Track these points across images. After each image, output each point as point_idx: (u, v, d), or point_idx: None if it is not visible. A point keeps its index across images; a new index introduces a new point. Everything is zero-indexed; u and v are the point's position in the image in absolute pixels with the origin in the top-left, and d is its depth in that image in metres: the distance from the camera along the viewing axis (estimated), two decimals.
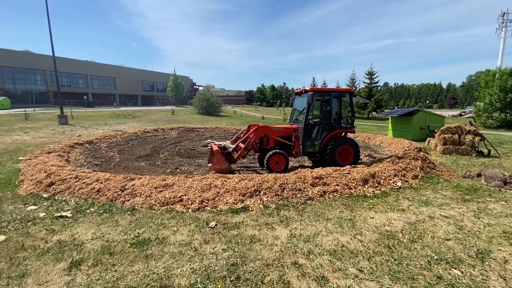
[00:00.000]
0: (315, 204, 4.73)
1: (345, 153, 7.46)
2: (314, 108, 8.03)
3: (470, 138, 9.30)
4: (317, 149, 7.53)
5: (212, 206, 4.61)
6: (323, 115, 7.80)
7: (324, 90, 8.22)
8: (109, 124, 24.06)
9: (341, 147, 7.37)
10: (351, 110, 7.72)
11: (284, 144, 7.53)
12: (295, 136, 7.55)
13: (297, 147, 7.56)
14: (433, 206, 4.63)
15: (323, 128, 7.49)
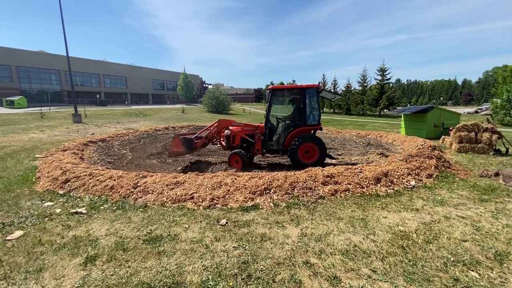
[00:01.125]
0: (326, 203, 4.68)
1: (310, 152, 7.30)
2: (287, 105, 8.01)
3: (487, 136, 8.97)
4: (281, 147, 7.51)
5: (223, 204, 4.63)
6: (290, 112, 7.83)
7: (284, 87, 8.12)
8: (121, 122, 24.55)
9: (304, 145, 7.21)
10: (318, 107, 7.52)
11: (250, 142, 7.71)
12: (257, 134, 7.70)
13: (257, 145, 7.68)
14: (448, 206, 4.50)
15: (287, 125, 7.53)
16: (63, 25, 20.97)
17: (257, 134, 7.68)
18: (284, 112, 8.13)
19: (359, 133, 15.54)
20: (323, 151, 7.20)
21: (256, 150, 7.73)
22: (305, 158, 7.26)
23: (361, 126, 21.56)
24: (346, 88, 40.49)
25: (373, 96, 33.73)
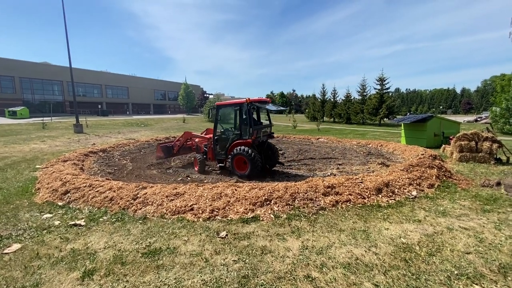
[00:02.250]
0: (328, 214, 4.63)
1: (242, 164, 7.56)
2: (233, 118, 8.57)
3: (487, 145, 8.96)
4: (225, 157, 8.16)
5: (223, 216, 4.60)
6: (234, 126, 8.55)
7: (224, 104, 8.50)
8: (122, 132, 24.65)
9: (237, 157, 7.54)
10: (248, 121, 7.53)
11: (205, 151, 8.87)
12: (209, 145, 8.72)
13: (209, 154, 8.64)
14: (451, 217, 4.45)
15: (227, 138, 8.13)
16: (66, 37, 21.40)
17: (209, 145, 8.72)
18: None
19: (359, 142, 15.54)
20: (253, 165, 7.27)
21: (209, 158, 8.70)
22: (240, 169, 7.60)
23: (362, 135, 21.58)
24: (346, 98, 40.76)
25: (372, 105, 33.90)
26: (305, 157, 11.19)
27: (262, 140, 8.04)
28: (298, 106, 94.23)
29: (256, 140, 7.59)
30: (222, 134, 8.35)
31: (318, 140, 18.08)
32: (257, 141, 7.73)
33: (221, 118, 8.55)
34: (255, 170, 7.30)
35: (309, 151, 12.98)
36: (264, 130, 8.13)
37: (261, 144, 8.06)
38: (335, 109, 41.07)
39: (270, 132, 8.43)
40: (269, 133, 8.39)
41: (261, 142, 8.02)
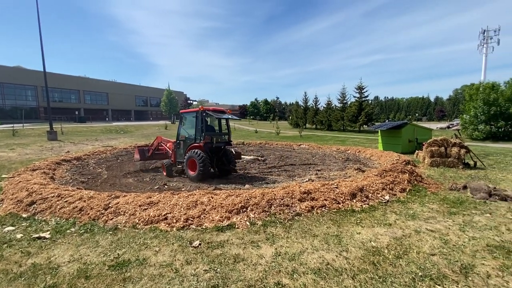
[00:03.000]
0: (303, 220, 4.67)
1: (193, 166, 8.09)
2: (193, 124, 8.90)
3: (456, 150, 9.48)
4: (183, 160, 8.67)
5: (198, 224, 4.51)
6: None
7: (184, 111, 9.50)
8: (100, 139, 23.79)
9: (190, 160, 8.18)
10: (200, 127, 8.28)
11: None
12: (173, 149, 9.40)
13: (172, 157, 9.38)
14: (419, 220, 4.63)
15: (185, 143, 8.82)
16: (40, 39, 20.58)
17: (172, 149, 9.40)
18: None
19: (339, 148, 15.93)
20: (201, 167, 7.82)
21: (173, 161, 9.27)
22: (192, 170, 8.17)
23: (342, 141, 22.15)
24: (327, 105, 41.84)
25: (352, 112, 35.01)
26: (286, 163, 11.30)
27: (219, 146, 8.67)
28: (282, 113, 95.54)
29: (208, 144, 8.22)
30: (183, 139, 9.00)
31: (299, 147, 18.34)
32: (210, 146, 8.30)
33: (184, 124, 9.21)
34: (204, 172, 7.82)
35: (290, 157, 13.13)
36: (220, 137, 8.88)
37: (217, 149, 8.70)
38: (317, 116, 42.00)
39: (228, 140, 9.05)
40: (227, 141, 9.01)
41: (217, 148, 8.65)
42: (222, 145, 8.81)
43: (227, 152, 8.96)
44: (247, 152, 15.96)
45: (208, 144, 8.19)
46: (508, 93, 20.10)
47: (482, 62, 49.49)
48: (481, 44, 50.26)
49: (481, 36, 50.29)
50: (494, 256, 3.32)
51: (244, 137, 28.04)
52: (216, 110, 8.80)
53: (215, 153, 8.65)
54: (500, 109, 19.75)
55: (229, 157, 8.90)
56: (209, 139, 8.20)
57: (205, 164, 7.78)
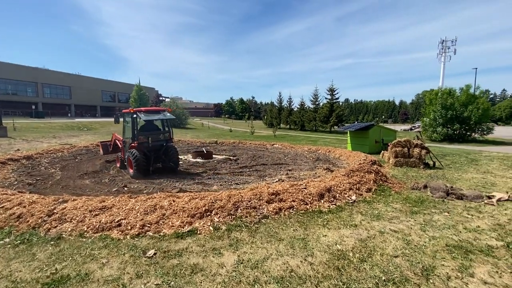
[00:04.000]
0: (270, 222, 4.49)
1: (131, 164, 8.43)
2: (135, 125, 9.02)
3: (417, 151, 9.97)
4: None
5: (155, 231, 4.12)
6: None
7: (124, 112, 9.57)
8: (59, 136, 21.88)
9: (128, 159, 8.58)
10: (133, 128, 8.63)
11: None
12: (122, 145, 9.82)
13: (122, 154, 9.72)
14: (384, 220, 4.67)
15: (127, 142, 9.18)
16: None
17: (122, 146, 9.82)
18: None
19: (310, 148, 16.14)
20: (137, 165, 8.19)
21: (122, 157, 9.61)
22: (131, 168, 8.50)
23: (314, 141, 22.57)
24: (300, 106, 42.58)
25: (324, 113, 35.96)
26: (258, 163, 11.13)
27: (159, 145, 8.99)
28: (257, 112, 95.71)
29: (144, 144, 8.58)
30: (126, 138, 9.36)
31: (273, 146, 18.33)
32: (146, 146, 8.62)
33: (126, 124, 9.47)
34: (138, 171, 8.22)
35: (263, 157, 12.99)
36: (159, 135, 9.20)
37: (157, 148, 8.98)
38: (290, 116, 42.57)
39: (169, 138, 9.34)
40: (167, 139, 9.29)
41: (157, 146, 8.96)
42: (162, 143, 9.07)
43: (167, 150, 9.17)
44: (219, 151, 15.57)
45: (144, 144, 8.57)
46: (463, 98, 21.85)
47: (441, 69, 53.72)
48: (440, 53, 54.52)
49: (440, 45, 54.54)
50: (453, 256, 3.39)
51: (218, 136, 27.50)
52: (150, 110, 9.09)
53: (155, 151, 8.92)
54: (456, 113, 21.41)
55: (169, 154, 9.16)
56: (144, 139, 8.62)
57: (139, 164, 8.16)
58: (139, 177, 8.18)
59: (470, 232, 4.16)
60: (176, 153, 9.26)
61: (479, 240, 3.83)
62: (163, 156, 9.14)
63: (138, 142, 8.46)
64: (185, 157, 12.73)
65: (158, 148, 8.96)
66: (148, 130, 9.11)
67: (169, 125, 9.46)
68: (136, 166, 8.16)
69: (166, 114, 9.08)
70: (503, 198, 5.90)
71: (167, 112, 9.28)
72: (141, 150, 8.39)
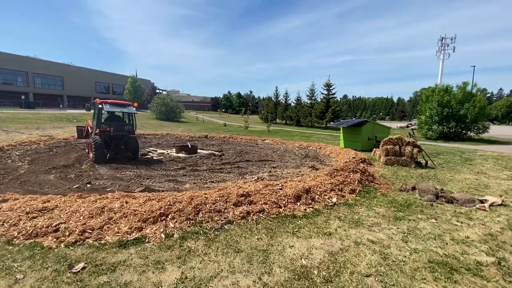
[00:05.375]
0: (233, 229, 3.95)
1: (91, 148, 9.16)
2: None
3: (409, 149, 9.47)
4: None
5: (97, 238, 3.56)
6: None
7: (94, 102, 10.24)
8: (43, 128, 21.16)
9: (90, 144, 9.47)
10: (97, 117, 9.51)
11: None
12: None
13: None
14: (363, 227, 4.15)
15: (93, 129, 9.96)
16: None
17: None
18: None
19: (301, 145, 15.62)
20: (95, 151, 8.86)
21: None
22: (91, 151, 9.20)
23: (307, 137, 22.05)
24: (296, 101, 41.97)
25: (320, 109, 35.42)
26: (243, 159, 10.57)
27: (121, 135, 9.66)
28: (255, 107, 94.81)
29: (106, 133, 9.27)
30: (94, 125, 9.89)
31: (264, 142, 17.78)
32: (107, 134, 9.30)
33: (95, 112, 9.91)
34: (96, 156, 8.88)
35: (250, 152, 12.45)
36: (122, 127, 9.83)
37: (119, 138, 9.67)
38: (286, 111, 41.98)
39: (131, 130, 9.94)
40: (129, 131, 9.90)
41: (119, 136, 9.64)
42: (124, 134, 9.76)
43: (129, 141, 9.89)
44: (207, 146, 14.99)
45: (106, 132, 9.30)
46: (460, 96, 21.35)
47: (439, 67, 53.23)
48: (439, 50, 53.97)
49: (439, 43, 53.96)
50: (435, 276, 2.87)
51: (210, 130, 26.86)
52: (115, 103, 9.94)
53: (116, 140, 9.67)
54: (452, 111, 20.93)
55: (129, 145, 9.88)
56: (106, 128, 9.37)
57: (97, 149, 8.83)
58: (97, 162, 8.87)
59: (457, 244, 3.65)
60: (136, 145, 9.99)
61: (467, 255, 3.32)
62: (124, 146, 9.92)
63: (100, 130, 9.25)
64: (168, 151, 12.15)
65: (119, 138, 9.71)
66: (113, 121, 9.98)
67: (133, 118, 10.18)
68: (95, 150, 8.85)
69: (130, 109, 10.01)
70: (496, 202, 5.41)
71: (132, 106, 10.23)
72: (103, 138, 9.17)
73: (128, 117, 10.32)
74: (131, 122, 10.15)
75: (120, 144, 9.79)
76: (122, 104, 10.06)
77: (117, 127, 9.64)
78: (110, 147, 9.45)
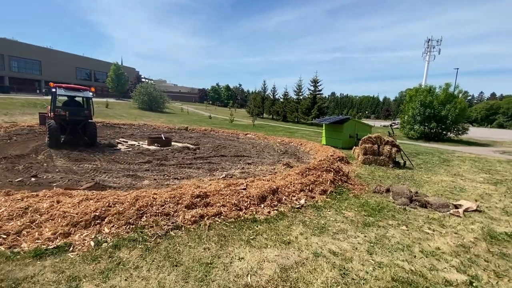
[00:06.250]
0: (180, 236, 3.46)
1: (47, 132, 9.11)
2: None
3: (388, 149, 9.24)
4: None
5: (11, 245, 2.98)
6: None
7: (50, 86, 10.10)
8: (12, 114, 19.82)
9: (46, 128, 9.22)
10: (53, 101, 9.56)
11: None
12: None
13: None
14: (327, 235, 3.76)
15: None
16: None
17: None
18: None
19: (283, 140, 15.23)
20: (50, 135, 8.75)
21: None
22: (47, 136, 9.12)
23: (291, 133, 21.72)
24: (283, 96, 41.56)
25: (306, 105, 35.19)
26: (217, 154, 10.05)
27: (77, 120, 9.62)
28: (244, 101, 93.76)
29: (62, 117, 9.27)
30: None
31: (245, 136, 17.28)
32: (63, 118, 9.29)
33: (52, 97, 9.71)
34: (51, 140, 8.77)
35: (228, 147, 11.93)
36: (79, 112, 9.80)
37: (76, 122, 9.62)
38: (273, 106, 41.53)
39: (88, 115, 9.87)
40: (86, 116, 9.83)
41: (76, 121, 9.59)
42: (81, 119, 9.70)
43: (86, 126, 9.75)
44: (185, 138, 14.33)
45: (61, 117, 9.28)
46: (442, 97, 21.57)
47: (425, 68, 54.04)
48: (425, 52, 54.66)
49: (425, 44, 54.65)
50: None
51: (193, 122, 26.04)
52: (70, 87, 10.03)
53: (73, 125, 9.57)
54: (434, 111, 21.13)
55: (87, 130, 9.72)
56: (61, 112, 9.37)
57: (51, 133, 8.71)
58: (51, 146, 8.75)
59: (427, 257, 3.32)
60: (94, 130, 9.84)
61: (436, 271, 2.99)
62: (82, 131, 9.76)
63: (55, 114, 9.17)
64: (140, 143, 11.43)
65: (76, 123, 9.61)
66: (69, 105, 9.93)
67: (90, 103, 10.06)
68: (49, 134, 8.75)
69: (86, 93, 9.92)
70: (470, 208, 5.19)
71: (89, 91, 10.10)
72: (58, 122, 9.08)
73: (86, 102, 10.21)
74: (87, 107, 10.06)
75: (77, 129, 9.71)
76: (77, 89, 10.11)
77: (73, 112, 9.61)
78: (65, 132, 9.43)
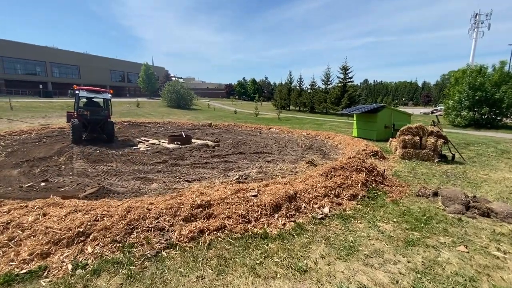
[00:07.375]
0: (172, 257, 2.88)
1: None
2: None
3: (432, 140, 7.87)
4: None
5: None
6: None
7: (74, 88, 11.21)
8: (48, 116, 21.21)
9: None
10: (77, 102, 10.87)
11: None
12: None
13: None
14: (356, 259, 2.93)
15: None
16: None
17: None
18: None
19: (309, 133, 14.21)
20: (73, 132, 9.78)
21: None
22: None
23: (319, 125, 20.45)
24: (311, 86, 39.77)
25: (335, 94, 33.19)
26: (236, 151, 9.46)
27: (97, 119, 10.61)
28: (270, 93, 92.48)
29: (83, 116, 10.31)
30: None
31: (269, 130, 16.53)
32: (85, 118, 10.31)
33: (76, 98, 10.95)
34: (73, 136, 9.77)
35: (249, 143, 11.30)
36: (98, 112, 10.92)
37: (96, 122, 10.60)
38: (300, 97, 39.99)
39: (107, 115, 11.01)
40: (105, 115, 10.94)
41: (97, 120, 10.59)
42: (101, 118, 10.71)
43: (105, 125, 10.72)
44: (207, 135, 14.02)
45: (83, 116, 10.31)
46: (495, 78, 18.62)
47: (471, 47, 48.14)
48: (471, 29, 48.61)
49: (472, 20, 48.50)
50: None
51: (218, 118, 25.88)
52: (91, 90, 11.15)
53: (93, 124, 10.53)
54: (486, 95, 18.35)
55: (106, 129, 10.66)
56: (83, 112, 10.42)
57: (74, 130, 9.74)
58: (75, 142, 9.71)
59: None
60: (112, 128, 10.79)
61: None
62: (101, 129, 10.67)
63: (78, 114, 10.34)
64: (161, 141, 11.27)
65: (96, 122, 10.59)
66: (89, 106, 11.11)
67: (109, 104, 11.25)
68: (72, 132, 9.74)
69: (105, 95, 11.12)
70: None
71: (108, 93, 11.30)
72: (80, 121, 10.14)
73: (105, 103, 11.30)
74: (107, 108, 11.19)
75: (97, 127, 10.61)
76: (98, 91, 11.24)
77: (93, 112, 10.66)
78: (87, 129, 10.42)
